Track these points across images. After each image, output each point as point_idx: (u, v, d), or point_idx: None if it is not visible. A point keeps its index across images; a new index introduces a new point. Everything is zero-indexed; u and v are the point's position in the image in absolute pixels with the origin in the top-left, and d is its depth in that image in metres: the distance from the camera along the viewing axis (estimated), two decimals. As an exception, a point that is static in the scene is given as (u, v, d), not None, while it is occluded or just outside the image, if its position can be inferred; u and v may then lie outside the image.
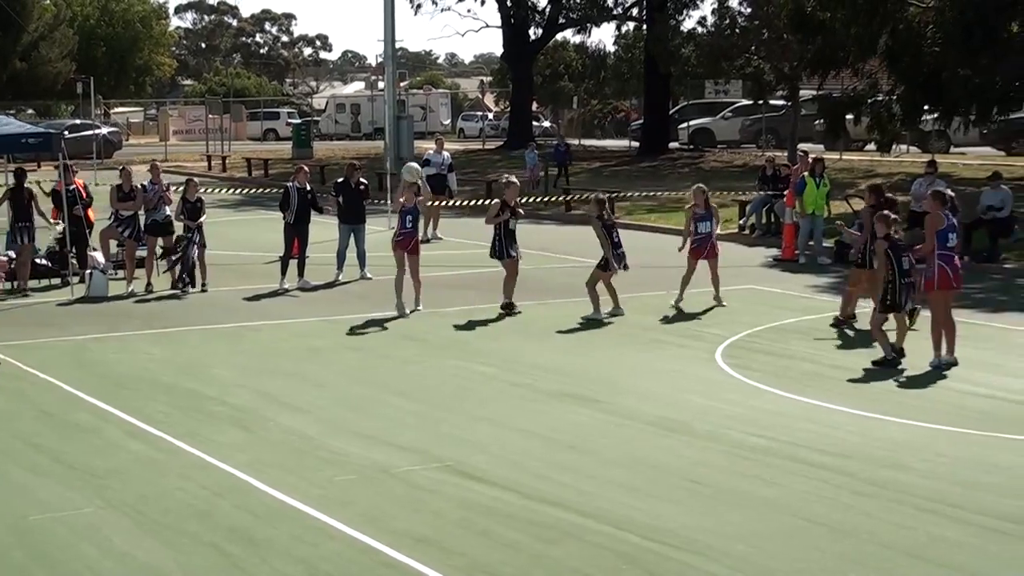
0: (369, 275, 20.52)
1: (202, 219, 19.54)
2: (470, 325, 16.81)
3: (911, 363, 14.35)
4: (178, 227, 19.74)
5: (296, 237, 19.97)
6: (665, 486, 9.92)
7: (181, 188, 20.07)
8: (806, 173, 22.77)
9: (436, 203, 25.75)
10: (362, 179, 21.18)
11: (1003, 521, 9.06)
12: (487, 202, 18.93)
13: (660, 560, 8.34)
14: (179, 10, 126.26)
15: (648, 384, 13.38)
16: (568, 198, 31.47)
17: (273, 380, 13.59)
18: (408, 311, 17.43)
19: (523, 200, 29.55)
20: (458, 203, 27.83)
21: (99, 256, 19.81)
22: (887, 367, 13.89)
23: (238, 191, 34.64)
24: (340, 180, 21.33)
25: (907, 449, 10.89)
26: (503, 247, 17.52)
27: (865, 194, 17.04)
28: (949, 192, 14.37)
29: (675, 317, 17.25)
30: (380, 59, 51.86)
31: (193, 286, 19.29)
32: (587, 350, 15.18)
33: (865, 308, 15.78)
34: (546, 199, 30.47)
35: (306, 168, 21.06)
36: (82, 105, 59.03)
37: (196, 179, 21.83)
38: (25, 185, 20.25)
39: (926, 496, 9.62)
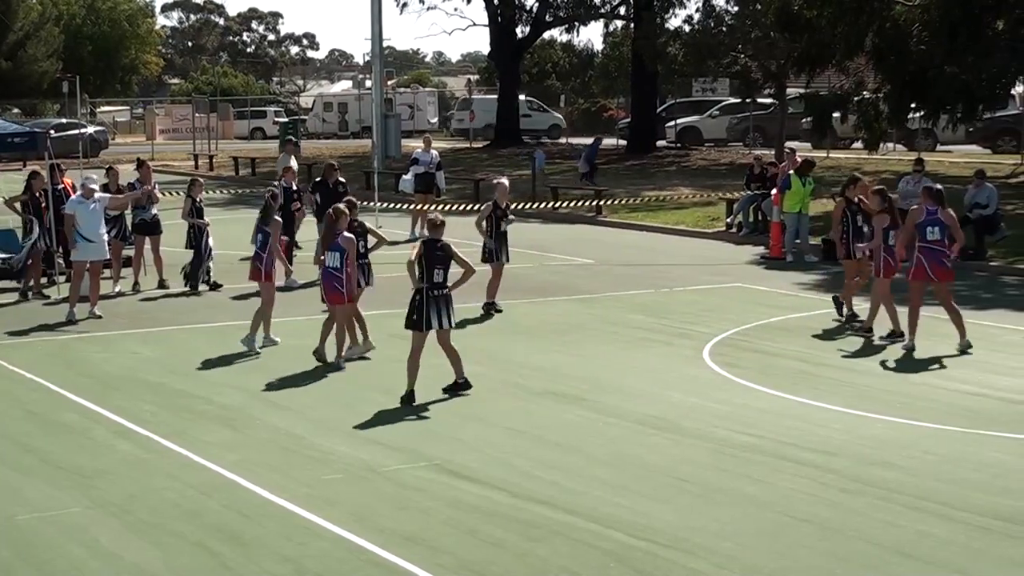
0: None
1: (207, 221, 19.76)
2: (456, 324, 16.74)
3: (900, 361, 14.40)
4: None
5: (285, 236, 19.93)
6: (652, 484, 9.94)
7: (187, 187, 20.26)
8: (791, 171, 22.81)
9: (424, 203, 25.77)
10: (340, 179, 21.20)
11: (989, 518, 9.10)
12: (477, 206, 18.86)
13: (647, 558, 8.36)
14: (165, 9, 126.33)
15: (635, 382, 13.40)
16: (599, 202, 30.37)
17: (260, 379, 13.58)
18: (259, 347, 15.07)
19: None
20: (446, 202, 27.81)
21: None
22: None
23: (227, 191, 34.59)
24: (318, 180, 21.35)
25: (893, 446, 10.93)
26: (494, 251, 17.45)
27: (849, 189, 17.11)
28: (937, 186, 15.19)
29: (662, 315, 17.27)
30: (367, 58, 51.79)
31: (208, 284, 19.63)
32: (574, 348, 15.19)
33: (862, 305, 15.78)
34: (539, 204, 30.48)
35: (294, 168, 21.03)
36: (68, 104, 58.88)
37: (201, 180, 21.87)
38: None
39: (912, 493, 9.65)
